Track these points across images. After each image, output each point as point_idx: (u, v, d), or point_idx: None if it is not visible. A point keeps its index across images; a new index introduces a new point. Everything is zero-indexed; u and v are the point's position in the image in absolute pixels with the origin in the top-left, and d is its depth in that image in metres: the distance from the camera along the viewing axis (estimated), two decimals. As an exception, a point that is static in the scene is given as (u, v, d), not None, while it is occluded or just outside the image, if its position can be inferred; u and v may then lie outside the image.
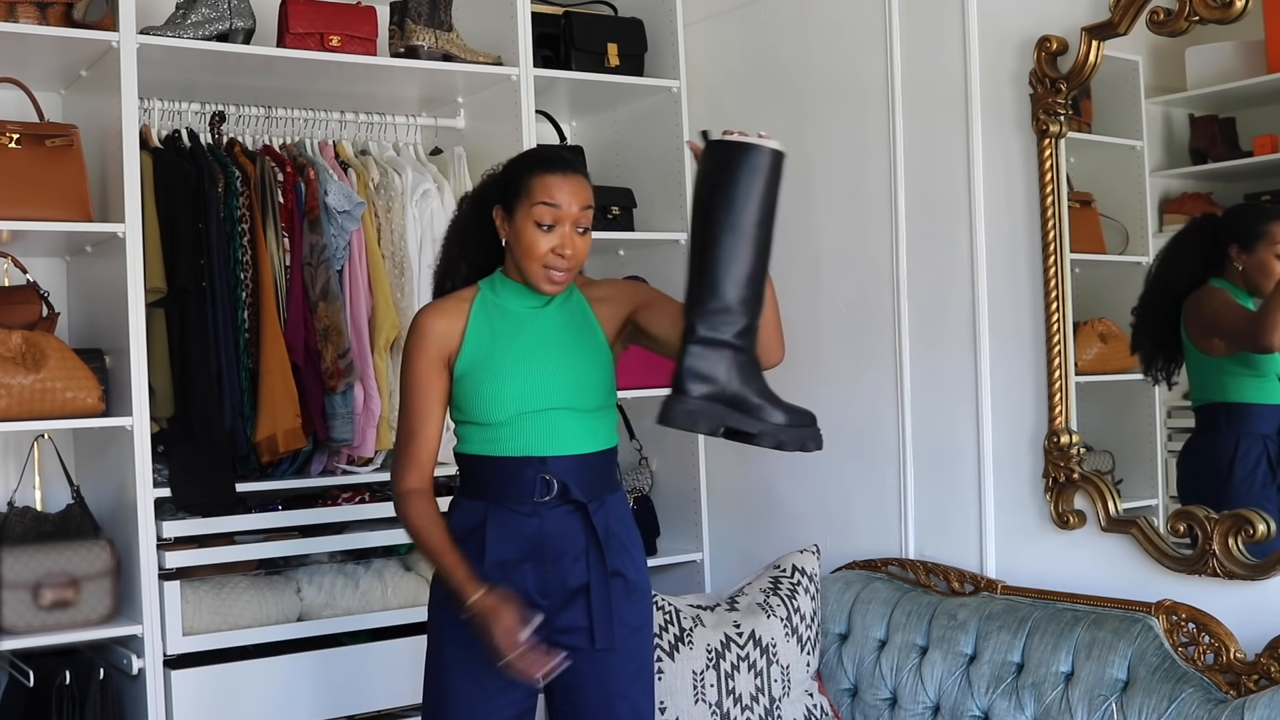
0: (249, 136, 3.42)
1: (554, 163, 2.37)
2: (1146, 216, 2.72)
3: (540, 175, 2.34)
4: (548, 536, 2.35)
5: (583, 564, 2.36)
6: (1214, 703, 2.37)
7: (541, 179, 2.34)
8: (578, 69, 3.62)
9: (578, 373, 2.38)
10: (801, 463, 3.45)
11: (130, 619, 2.95)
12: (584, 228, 2.36)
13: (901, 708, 2.85)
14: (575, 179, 2.35)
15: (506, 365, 2.36)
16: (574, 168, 2.37)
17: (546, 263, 2.33)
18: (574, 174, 2.36)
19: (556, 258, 2.33)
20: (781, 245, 3.47)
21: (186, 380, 3.05)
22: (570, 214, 2.33)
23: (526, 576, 2.34)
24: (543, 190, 2.33)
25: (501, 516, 2.35)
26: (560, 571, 2.35)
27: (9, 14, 2.90)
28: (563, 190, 2.33)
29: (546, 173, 2.35)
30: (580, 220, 2.35)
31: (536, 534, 2.35)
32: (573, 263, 2.35)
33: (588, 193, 2.37)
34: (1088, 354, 2.83)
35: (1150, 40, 2.63)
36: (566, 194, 2.33)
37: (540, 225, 2.32)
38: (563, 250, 2.33)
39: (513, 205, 2.36)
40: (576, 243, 2.34)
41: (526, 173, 2.36)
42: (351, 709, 3.15)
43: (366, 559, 3.35)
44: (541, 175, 2.34)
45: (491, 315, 2.40)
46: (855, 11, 3.26)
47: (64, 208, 2.90)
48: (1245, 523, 2.47)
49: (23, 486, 3.22)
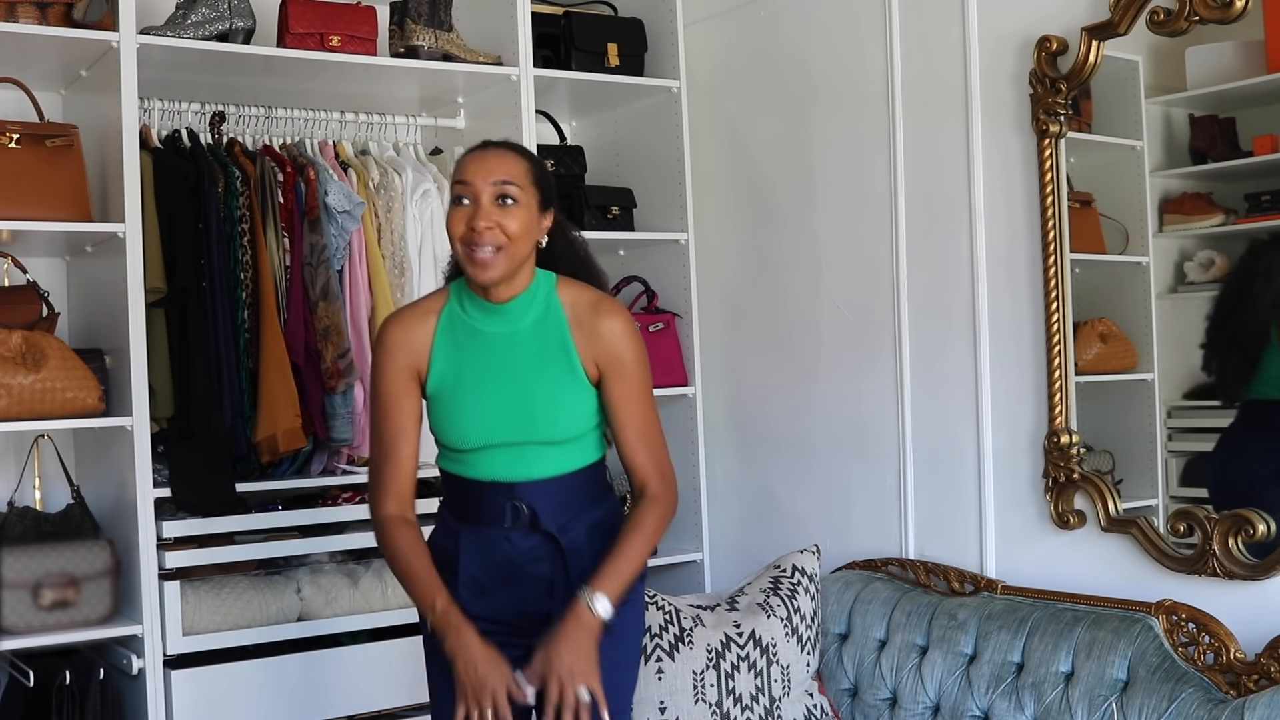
0: (249, 136, 3.42)
1: (475, 146, 2.28)
2: (1146, 216, 2.72)
3: (459, 162, 2.26)
4: (519, 561, 2.27)
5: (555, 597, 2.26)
6: (1214, 703, 2.37)
7: (458, 164, 2.25)
8: (578, 69, 3.62)
9: (548, 409, 2.25)
10: (801, 463, 3.47)
11: (130, 619, 2.95)
12: (508, 199, 2.20)
13: (901, 708, 2.85)
14: (492, 153, 2.24)
15: (470, 396, 2.25)
16: (495, 145, 2.27)
17: (465, 240, 2.19)
18: (492, 149, 2.25)
19: (471, 233, 2.18)
20: (782, 245, 3.51)
21: (186, 380, 3.06)
22: (483, 187, 2.19)
23: (503, 601, 2.28)
24: (457, 170, 2.24)
25: (474, 538, 2.28)
26: (536, 596, 2.27)
27: (9, 14, 2.90)
28: (472, 165, 2.22)
29: (464, 156, 2.26)
30: (501, 192, 2.19)
31: (508, 559, 2.28)
32: (492, 238, 2.18)
33: (509, 164, 2.22)
34: (1088, 354, 2.83)
35: (1150, 40, 2.63)
36: (475, 167, 2.21)
37: (456, 204, 2.21)
38: (475, 223, 2.17)
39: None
40: (494, 214, 2.18)
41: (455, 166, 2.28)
42: (351, 709, 3.15)
43: (366, 559, 3.34)
44: (460, 161, 2.26)
45: (458, 333, 2.29)
46: (855, 12, 3.26)
47: (64, 208, 2.90)
48: (1245, 523, 2.47)
49: (23, 486, 3.22)
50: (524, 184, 2.22)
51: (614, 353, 2.27)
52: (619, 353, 2.27)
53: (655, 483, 2.31)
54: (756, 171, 3.60)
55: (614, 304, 2.35)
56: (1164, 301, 2.72)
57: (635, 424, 2.29)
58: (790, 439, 3.50)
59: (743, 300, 3.65)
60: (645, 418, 2.31)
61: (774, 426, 3.55)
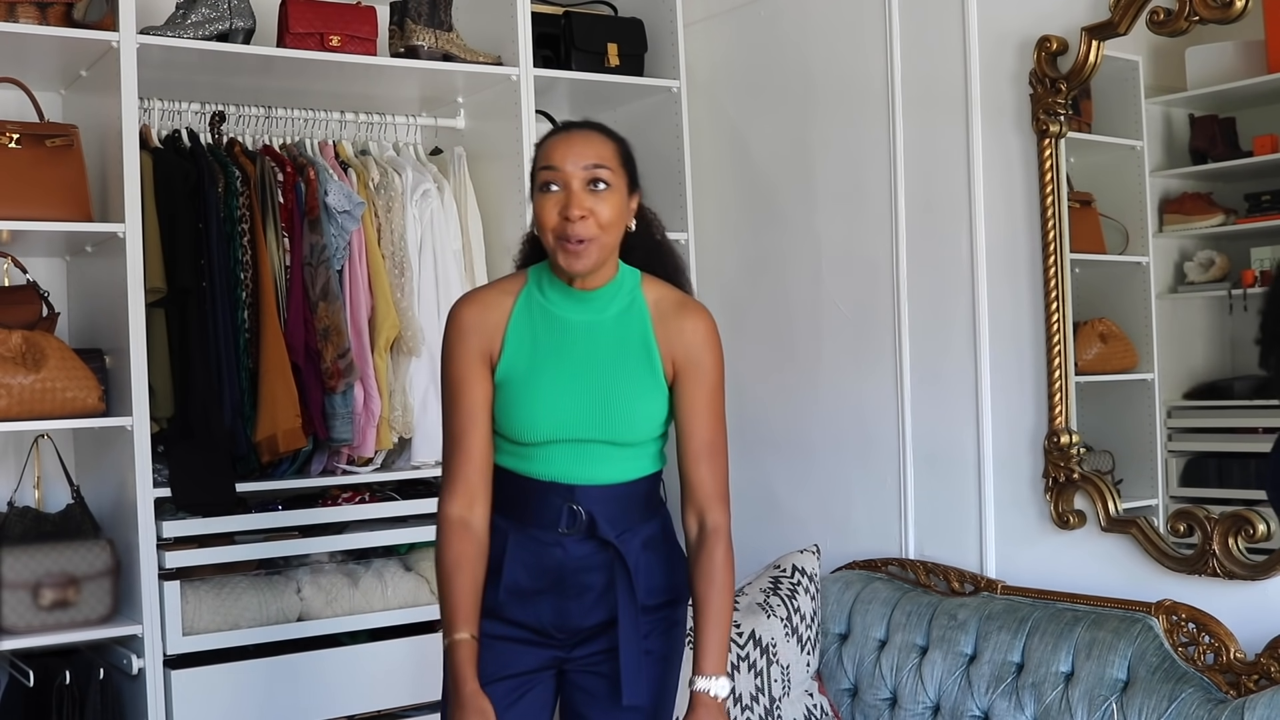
0: (249, 136, 3.42)
1: (558, 128, 2.18)
2: (1146, 216, 2.72)
3: (543, 142, 2.15)
4: (570, 570, 2.15)
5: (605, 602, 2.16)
6: (1214, 703, 2.37)
7: (543, 145, 2.15)
8: (578, 69, 3.62)
9: (624, 406, 2.14)
10: (802, 463, 3.47)
11: (130, 619, 2.95)
12: (600, 184, 2.09)
13: (901, 708, 2.85)
14: (579, 134, 2.13)
15: (545, 385, 2.13)
16: (582, 125, 2.17)
17: (557, 232, 2.08)
18: (577, 131, 2.14)
19: (564, 222, 2.07)
20: (782, 245, 3.51)
21: (186, 380, 3.06)
22: (572, 172, 2.08)
23: (543, 609, 2.17)
24: (542, 155, 2.13)
25: (523, 541, 2.16)
26: (583, 607, 2.17)
27: (9, 14, 2.90)
28: (559, 148, 2.10)
29: (549, 137, 2.16)
30: (592, 177, 2.08)
31: (559, 566, 2.15)
32: (586, 227, 2.07)
33: (597, 147, 2.12)
34: (1088, 354, 2.83)
35: (1150, 40, 2.63)
36: (563, 150, 2.10)
37: (545, 190, 2.09)
38: (568, 211, 2.06)
39: (532, 189, 2.16)
40: (586, 201, 2.07)
41: (537, 147, 2.17)
42: (351, 709, 3.15)
43: (366, 559, 3.35)
44: (544, 142, 2.15)
45: (535, 319, 2.17)
46: (855, 12, 3.26)
47: (64, 208, 2.90)
48: (1245, 523, 2.47)
49: (23, 486, 3.22)
50: (614, 166, 2.13)
51: (694, 355, 2.17)
52: (699, 355, 2.17)
53: (716, 510, 2.18)
54: (756, 171, 3.60)
55: (700, 306, 2.24)
56: (1164, 301, 2.72)
57: (704, 435, 2.17)
58: (790, 439, 3.50)
59: (743, 300, 3.65)
60: (714, 430, 2.19)
61: (774, 426, 3.55)
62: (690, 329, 2.18)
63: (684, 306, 2.21)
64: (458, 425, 2.16)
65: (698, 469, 2.18)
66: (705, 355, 2.18)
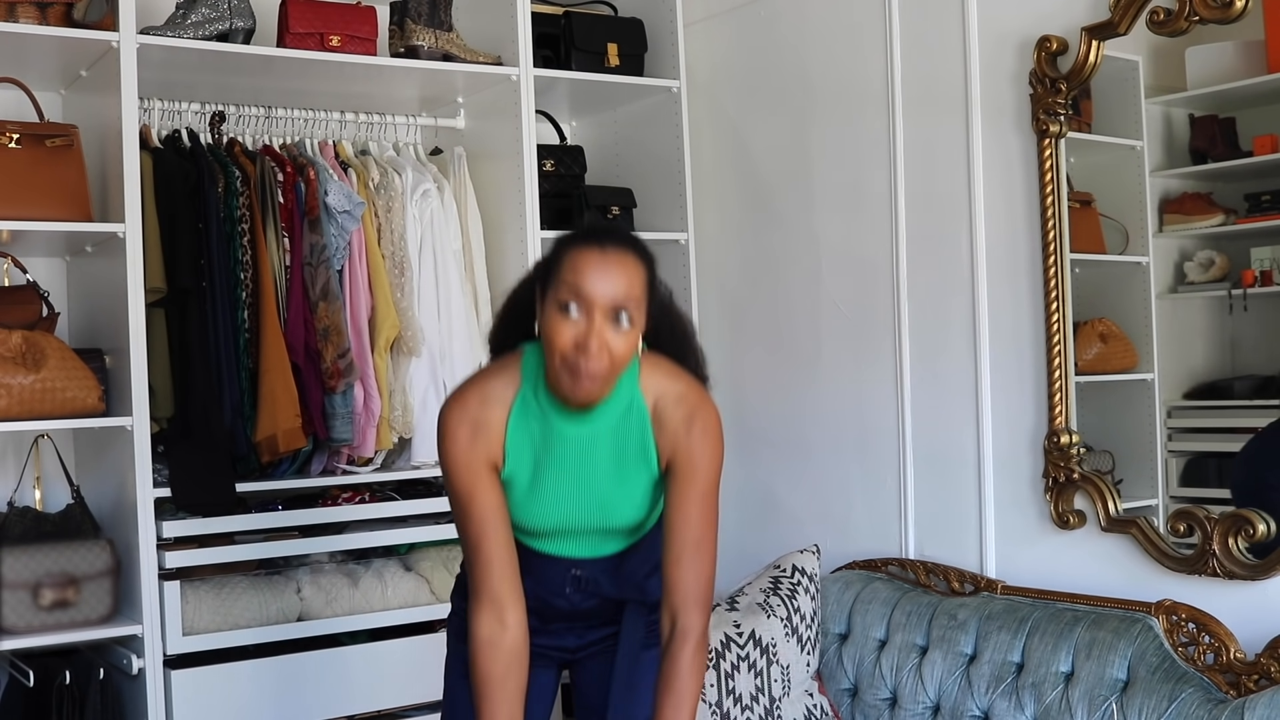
0: (249, 136, 3.42)
1: (592, 235, 1.98)
2: (1146, 216, 2.72)
3: (572, 248, 1.96)
4: (581, 611, 2.23)
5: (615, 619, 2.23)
6: (1214, 703, 2.37)
7: (572, 253, 1.96)
8: (578, 69, 3.62)
9: (625, 507, 2.13)
10: (801, 463, 3.46)
11: (130, 619, 2.95)
12: (624, 319, 1.94)
13: (901, 708, 2.85)
14: (615, 258, 1.95)
15: (546, 493, 2.10)
16: (618, 242, 1.98)
17: (568, 360, 1.94)
18: (614, 250, 1.96)
19: (577, 353, 1.93)
20: (782, 245, 3.51)
21: (186, 380, 3.06)
22: (599, 303, 1.92)
23: (563, 635, 2.25)
24: (570, 267, 1.94)
25: (534, 592, 2.15)
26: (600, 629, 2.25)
27: (9, 14, 2.90)
28: (592, 269, 1.92)
29: (580, 246, 1.96)
30: (619, 308, 1.93)
31: (569, 611, 2.22)
32: (601, 364, 1.94)
33: (632, 276, 1.95)
34: (1088, 354, 2.83)
35: (1150, 40, 2.63)
36: (596, 274, 1.92)
37: (563, 310, 1.93)
38: (586, 344, 1.92)
39: (545, 285, 2.00)
40: (608, 338, 1.93)
41: (562, 246, 1.99)
42: (351, 709, 3.15)
43: (366, 559, 3.35)
44: (573, 248, 1.96)
45: (533, 429, 2.08)
46: (855, 11, 3.26)
47: (64, 208, 2.90)
48: (1245, 523, 2.47)
49: (23, 486, 3.22)
50: (640, 296, 1.98)
51: (688, 453, 2.08)
52: (696, 456, 2.08)
53: (692, 613, 2.09)
54: (756, 171, 3.60)
55: (700, 399, 2.13)
56: (1164, 301, 2.72)
57: (692, 533, 2.08)
58: (790, 439, 3.50)
59: (743, 300, 3.65)
60: (703, 529, 2.10)
61: (774, 426, 3.55)
62: (688, 430, 2.09)
63: (683, 403, 2.10)
64: (475, 536, 2.08)
65: (680, 568, 2.09)
66: (703, 455, 2.09)
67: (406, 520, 3.32)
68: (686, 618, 2.09)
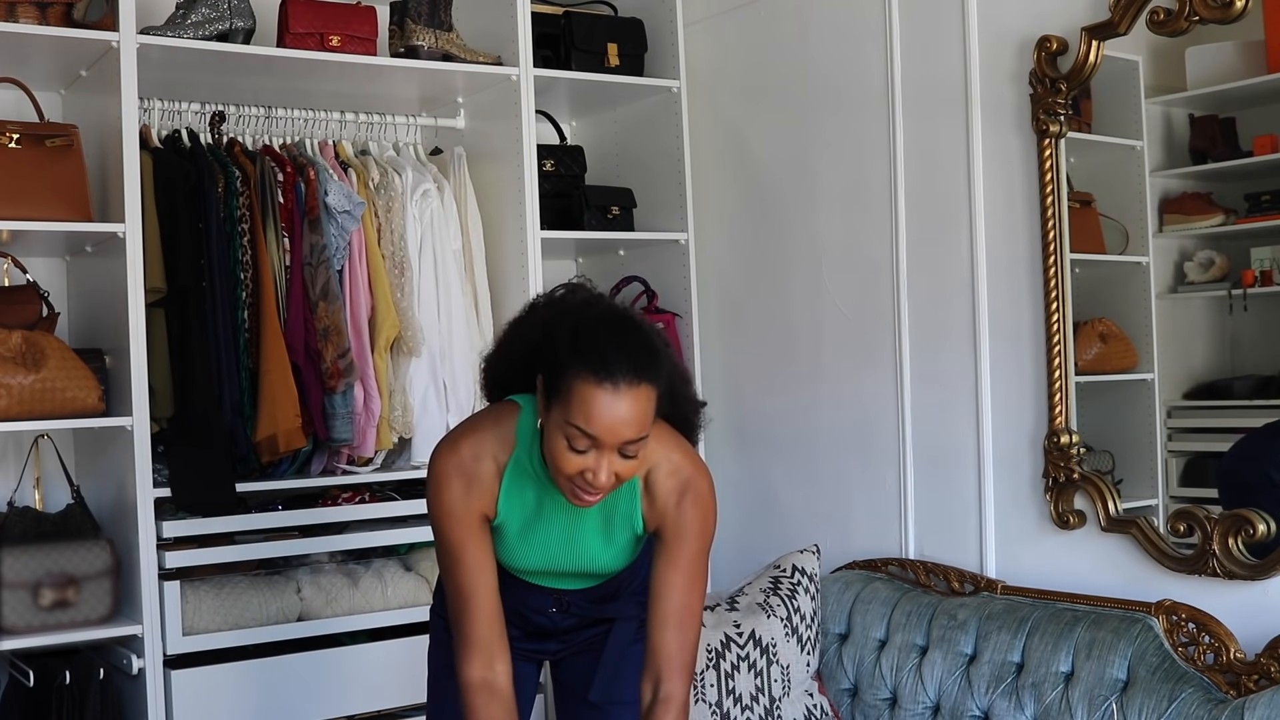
0: (249, 136, 3.42)
1: (604, 368, 1.89)
2: (1146, 216, 2.72)
3: (582, 382, 1.89)
4: (564, 630, 2.28)
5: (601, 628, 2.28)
6: (1214, 703, 2.37)
7: (582, 389, 1.89)
8: (578, 69, 3.62)
9: (608, 559, 2.16)
10: (802, 463, 3.47)
11: (130, 619, 2.95)
12: (632, 449, 1.94)
13: (901, 708, 2.85)
14: (630, 395, 1.89)
15: (536, 544, 2.14)
16: (633, 374, 1.90)
17: (575, 483, 1.95)
18: (628, 388, 1.89)
19: (586, 482, 1.94)
20: (782, 244, 3.51)
21: (186, 380, 3.05)
22: (612, 441, 1.91)
23: (544, 641, 2.30)
24: (580, 406, 1.89)
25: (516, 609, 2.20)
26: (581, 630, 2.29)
27: (9, 14, 2.90)
28: (606, 415, 1.88)
29: (591, 382, 1.89)
30: (630, 443, 1.93)
31: (554, 628, 2.28)
32: (606, 489, 1.96)
33: (645, 412, 1.92)
34: (1088, 354, 2.83)
35: (1150, 40, 2.63)
36: (610, 421, 1.89)
37: (571, 444, 1.92)
38: (596, 475, 1.93)
39: (550, 395, 1.95)
40: (617, 466, 1.94)
41: (572, 367, 1.91)
42: (351, 709, 3.15)
43: (366, 559, 3.35)
44: (584, 383, 1.89)
45: (526, 489, 2.10)
46: (855, 12, 3.26)
47: (64, 208, 2.90)
48: (1245, 523, 2.47)
49: (23, 486, 3.22)
50: (650, 423, 1.96)
51: (678, 524, 2.09)
52: (683, 525, 2.09)
53: (675, 681, 2.09)
54: (756, 171, 3.60)
55: (693, 470, 2.12)
56: (1164, 301, 2.72)
57: (678, 601, 2.09)
58: (790, 439, 3.50)
59: (743, 300, 3.65)
60: (689, 597, 2.10)
61: (774, 426, 3.55)
62: (679, 502, 2.09)
63: (676, 475, 2.10)
64: (465, 586, 2.08)
65: (664, 635, 2.09)
66: (692, 525, 2.09)
67: (406, 520, 3.32)
68: (669, 685, 2.09)
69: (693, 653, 2.12)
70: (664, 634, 2.10)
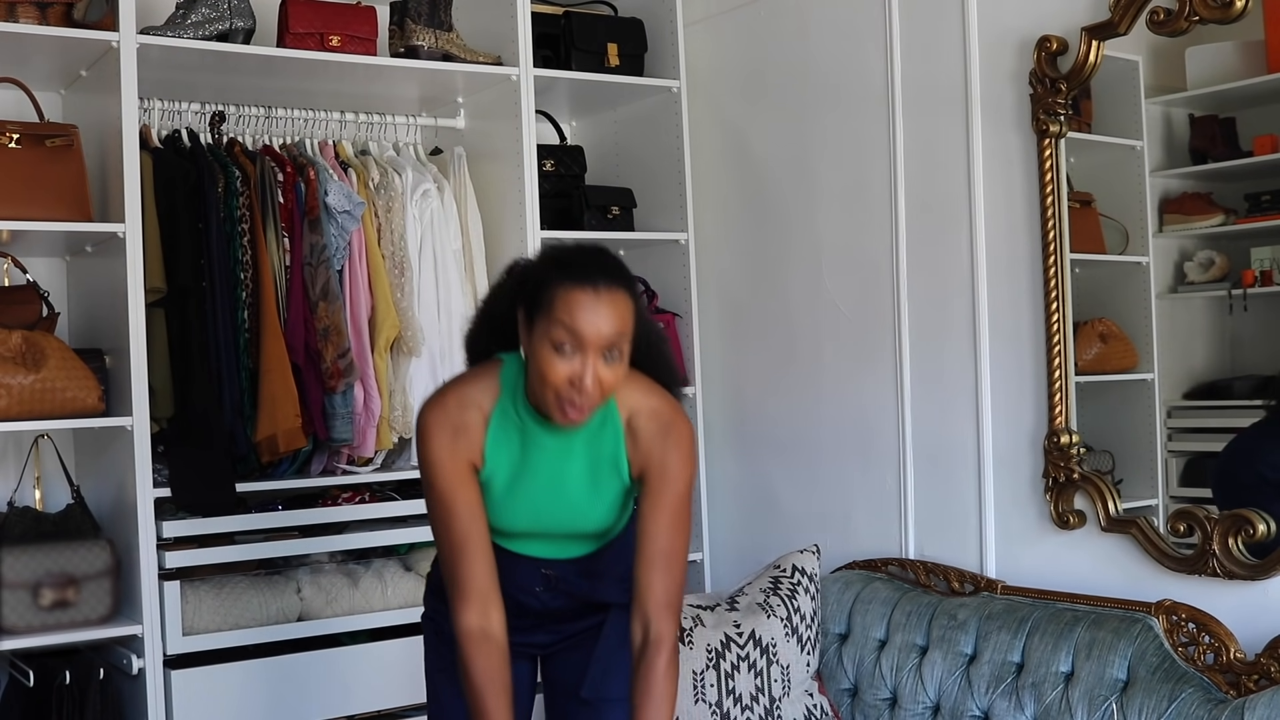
0: (249, 136, 3.42)
1: (583, 273, 2.00)
2: (1146, 216, 2.72)
3: (564, 288, 1.99)
4: (552, 610, 2.29)
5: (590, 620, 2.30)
6: (1214, 703, 2.37)
7: (565, 294, 1.98)
8: (578, 69, 3.62)
9: (596, 514, 2.19)
10: (802, 463, 3.47)
11: (130, 619, 2.95)
12: (616, 354, 2.01)
13: (901, 708, 2.85)
14: (607, 298, 1.99)
15: (521, 498, 2.16)
16: (609, 279, 2.00)
17: (560, 392, 1.99)
18: (606, 290, 1.99)
19: (572, 389, 1.99)
20: (782, 244, 3.51)
21: (186, 380, 3.06)
22: (596, 341, 1.97)
23: (534, 633, 2.30)
24: (564, 308, 1.97)
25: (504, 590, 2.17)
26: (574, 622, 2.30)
27: (9, 14, 2.90)
28: (587, 311, 1.97)
29: (572, 286, 1.99)
30: (612, 345, 1.99)
31: (542, 610, 2.28)
32: (592, 398, 2.00)
33: (624, 314, 2.00)
34: (1088, 354, 2.83)
35: (1150, 40, 2.63)
36: (591, 315, 1.97)
37: (557, 348, 1.98)
38: (581, 382, 1.98)
39: (532, 314, 2.03)
40: (601, 372, 1.99)
41: (550, 279, 2.01)
42: (351, 709, 3.15)
43: (366, 559, 3.35)
44: (565, 288, 1.99)
45: (511, 436, 2.13)
46: (855, 11, 3.26)
47: (64, 208, 2.90)
48: (1245, 523, 2.47)
49: (23, 486, 3.22)
50: (630, 330, 2.03)
51: (661, 466, 2.13)
52: (666, 467, 2.13)
53: (663, 620, 2.11)
54: (756, 171, 3.60)
55: (675, 413, 2.18)
56: (1164, 301, 2.72)
57: (662, 543, 2.12)
58: (790, 439, 3.50)
59: (743, 300, 3.65)
60: (673, 539, 2.13)
61: (774, 426, 3.55)
62: (662, 445, 2.14)
63: (657, 418, 2.15)
64: (457, 535, 2.10)
65: (651, 576, 2.12)
66: (675, 468, 2.14)
67: (406, 520, 3.32)
68: (658, 625, 2.11)
69: (679, 593, 2.15)
70: (651, 575, 2.12)
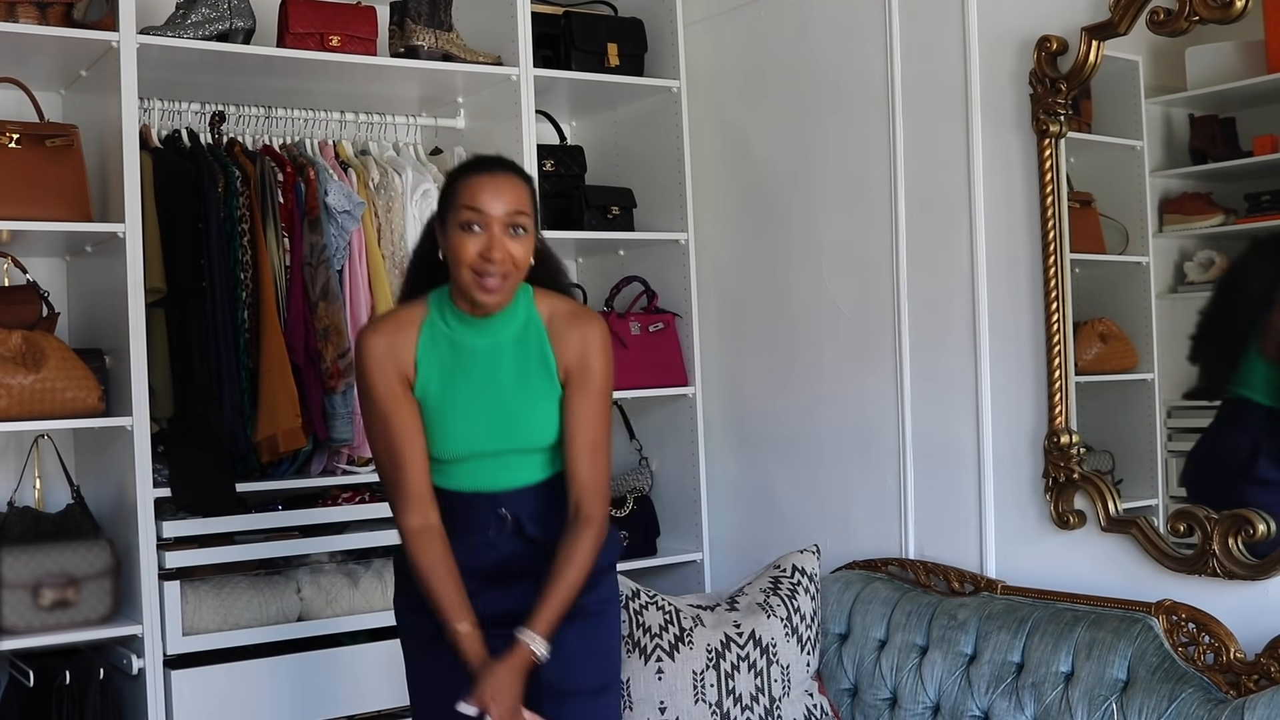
0: (249, 136, 3.42)
1: (480, 165, 2.31)
2: (1146, 216, 2.72)
3: (465, 179, 2.27)
4: (506, 564, 2.35)
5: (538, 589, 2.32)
6: (1214, 703, 2.37)
7: (466, 182, 2.26)
8: (578, 69, 3.62)
9: (531, 417, 2.33)
10: (802, 463, 3.47)
11: (130, 619, 2.95)
12: (518, 228, 2.25)
13: (901, 708, 2.85)
14: (502, 179, 2.27)
15: (458, 406, 2.31)
16: (503, 168, 2.30)
17: (475, 267, 2.23)
18: (501, 174, 2.28)
19: (484, 262, 2.22)
20: (782, 244, 3.51)
21: (186, 380, 3.06)
22: (495, 216, 2.23)
23: (493, 601, 2.33)
24: (466, 193, 2.25)
25: (461, 548, 2.33)
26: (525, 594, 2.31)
27: (9, 14, 2.90)
28: (485, 190, 2.24)
29: (471, 175, 2.28)
30: (513, 222, 2.24)
31: (495, 564, 2.35)
32: (504, 267, 2.24)
33: (519, 194, 2.27)
34: (1088, 354, 2.83)
35: (1150, 40, 2.63)
36: (490, 194, 2.24)
37: (466, 229, 2.23)
38: (490, 254, 2.22)
39: (445, 217, 2.29)
40: (508, 246, 2.23)
41: (455, 180, 2.29)
42: (351, 709, 3.15)
43: (366, 559, 3.35)
44: (466, 179, 2.27)
45: (441, 346, 2.33)
46: (855, 11, 3.26)
47: (64, 208, 2.90)
48: (1245, 523, 2.47)
49: (23, 486, 3.22)
50: (529, 211, 2.28)
51: (584, 361, 2.33)
52: (588, 361, 2.33)
53: (593, 502, 2.33)
54: (756, 171, 3.60)
55: (590, 314, 2.41)
56: (1164, 301, 2.72)
57: (588, 437, 2.33)
58: (790, 439, 3.50)
59: (743, 300, 3.65)
60: (598, 432, 2.34)
61: (774, 426, 3.55)
62: (581, 339, 2.34)
63: (575, 317, 2.37)
64: (397, 446, 2.31)
65: (580, 466, 2.33)
66: (595, 362, 2.34)
67: (406, 520, 3.32)
68: (589, 507, 2.32)
69: (606, 479, 2.36)
70: (579, 465, 2.33)
